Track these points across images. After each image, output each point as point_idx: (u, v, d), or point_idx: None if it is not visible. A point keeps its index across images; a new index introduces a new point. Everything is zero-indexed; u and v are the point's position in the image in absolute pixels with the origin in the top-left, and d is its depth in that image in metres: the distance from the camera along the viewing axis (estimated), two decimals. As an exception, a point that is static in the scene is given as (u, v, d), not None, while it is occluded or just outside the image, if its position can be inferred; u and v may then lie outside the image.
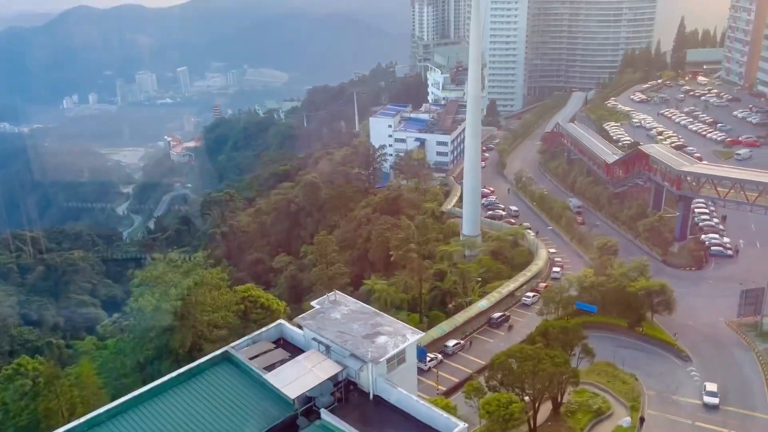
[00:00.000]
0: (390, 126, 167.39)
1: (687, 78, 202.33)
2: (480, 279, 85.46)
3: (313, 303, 37.95)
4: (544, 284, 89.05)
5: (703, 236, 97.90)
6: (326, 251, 76.71)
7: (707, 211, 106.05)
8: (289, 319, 75.22)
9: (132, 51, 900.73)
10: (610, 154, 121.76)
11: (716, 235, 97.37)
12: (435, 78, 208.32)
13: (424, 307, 78.56)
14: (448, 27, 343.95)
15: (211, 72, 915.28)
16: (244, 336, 64.21)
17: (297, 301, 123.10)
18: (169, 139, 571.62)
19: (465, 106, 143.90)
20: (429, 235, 78.59)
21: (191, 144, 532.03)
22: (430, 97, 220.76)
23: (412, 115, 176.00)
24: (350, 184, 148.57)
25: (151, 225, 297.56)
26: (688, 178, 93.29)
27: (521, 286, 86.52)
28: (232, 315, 61.20)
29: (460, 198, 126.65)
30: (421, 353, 59.09)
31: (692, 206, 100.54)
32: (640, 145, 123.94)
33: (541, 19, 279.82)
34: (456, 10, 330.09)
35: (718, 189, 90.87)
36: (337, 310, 36.80)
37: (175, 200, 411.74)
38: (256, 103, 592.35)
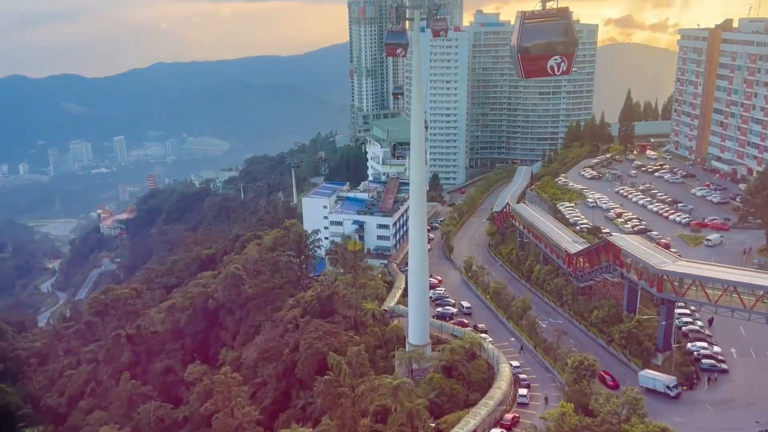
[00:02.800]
0: (325, 207, 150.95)
1: (635, 152, 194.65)
2: (434, 423, 67.24)
3: None
4: (511, 415, 71.96)
5: (689, 345, 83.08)
6: (229, 394, 57.52)
7: (689, 311, 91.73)
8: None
9: (67, 120, 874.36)
10: (571, 243, 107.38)
11: (704, 344, 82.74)
12: (374, 152, 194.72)
13: (360, 463, 59.91)
14: (387, 98, 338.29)
15: (149, 141, 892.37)
16: None
17: (211, 425, 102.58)
18: (99, 211, 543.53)
19: (407, 184, 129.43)
20: (367, 374, 60.59)
21: (123, 216, 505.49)
22: (369, 171, 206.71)
23: (350, 195, 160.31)
24: (279, 275, 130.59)
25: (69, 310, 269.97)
26: (669, 277, 79.07)
27: (483, 420, 69.17)
28: None
29: (405, 291, 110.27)
30: None
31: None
32: (603, 231, 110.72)
33: (480, 90, 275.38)
34: (395, 81, 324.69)
35: (707, 291, 76.67)
36: None
37: (103, 277, 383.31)
38: (194, 172, 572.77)
